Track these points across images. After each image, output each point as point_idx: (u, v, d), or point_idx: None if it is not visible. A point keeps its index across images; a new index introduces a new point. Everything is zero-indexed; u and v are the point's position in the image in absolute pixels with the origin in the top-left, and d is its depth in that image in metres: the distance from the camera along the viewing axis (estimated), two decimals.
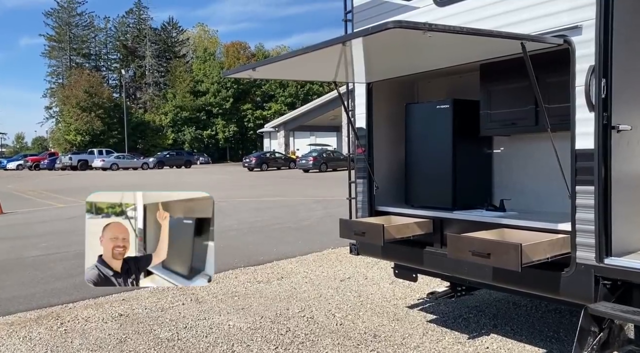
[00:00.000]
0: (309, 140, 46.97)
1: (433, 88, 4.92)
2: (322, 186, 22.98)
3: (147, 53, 72.93)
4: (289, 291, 5.97)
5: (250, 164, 39.47)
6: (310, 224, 11.31)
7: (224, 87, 66.88)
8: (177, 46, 77.23)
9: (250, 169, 39.46)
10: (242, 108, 67.54)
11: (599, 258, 3.00)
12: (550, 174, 4.05)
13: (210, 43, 78.25)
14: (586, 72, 3.03)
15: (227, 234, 10.23)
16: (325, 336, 4.54)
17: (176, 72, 68.88)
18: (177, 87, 67.28)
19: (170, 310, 5.42)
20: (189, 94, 66.57)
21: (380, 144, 4.68)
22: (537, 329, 4.55)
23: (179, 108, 65.87)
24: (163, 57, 74.15)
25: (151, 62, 72.72)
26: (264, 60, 3.49)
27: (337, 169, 35.83)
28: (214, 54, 73.41)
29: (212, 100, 66.67)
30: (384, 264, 6.93)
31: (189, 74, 69.64)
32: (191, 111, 66.05)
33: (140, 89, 73.47)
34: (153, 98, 70.98)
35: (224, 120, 67.05)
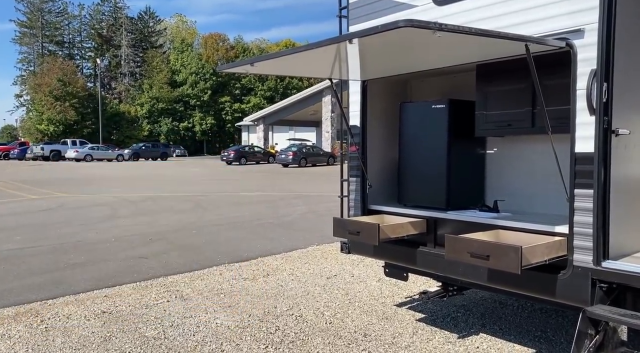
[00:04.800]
0: (288, 134, 46.80)
1: (426, 87, 4.91)
2: (303, 181, 22.93)
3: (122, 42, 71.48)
4: (275, 288, 5.91)
5: (228, 158, 39.12)
6: (292, 220, 11.24)
7: (202, 78, 66.13)
8: (154, 36, 75.90)
9: (229, 162, 39.12)
10: (220, 100, 66.90)
11: (596, 261, 3.02)
12: (543, 175, 4.09)
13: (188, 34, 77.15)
14: (588, 76, 3.04)
15: (208, 229, 10.11)
16: (316, 335, 4.50)
17: (153, 62, 67.72)
18: (153, 78, 66.17)
19: (155, 307, 5.31)
20: (166, 85, 65.56)
21: (373, 143, 4.65)
22: (525, 329, 4.59)
23: (155, 99, 64.85)
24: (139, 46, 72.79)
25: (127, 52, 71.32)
26: (263, 56, 3.41)
27: (316, 164, 35.85)
28: (192, 45, 72.43)
29: (190, 92, 65.86)
30: (370, 262, 6.93)
31: (166, 64, 68.55)
32: (168, 102, 65.10)
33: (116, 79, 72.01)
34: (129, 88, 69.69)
35: (202, 113, 66.32)
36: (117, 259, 7.56)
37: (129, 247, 8.42)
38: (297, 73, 4.50)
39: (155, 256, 7.74)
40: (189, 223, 10.98)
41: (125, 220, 11.43)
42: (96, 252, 8.04)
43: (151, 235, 9.49)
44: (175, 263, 7.28)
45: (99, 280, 6.40)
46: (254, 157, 40.39)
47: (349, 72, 4.26)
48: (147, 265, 7.19)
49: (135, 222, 11.14)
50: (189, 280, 6.32)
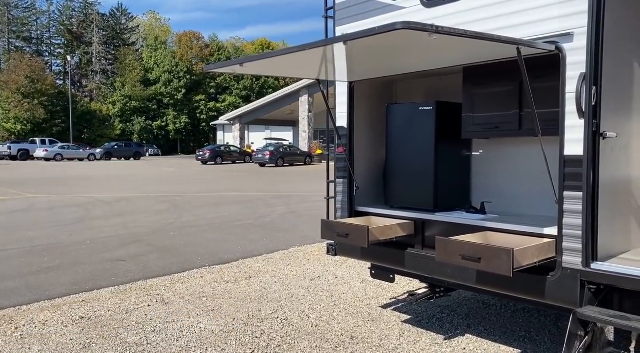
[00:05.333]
0: (264, 134, 46.55)
1: (412, 89, 4.91)
2: (281, 181, 22.83)
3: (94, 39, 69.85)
4: (259, 291, 5.83)
5: (204, 157, 38.68)
6: (272, 221, 11.16)
7: (175, 77, 65.23)
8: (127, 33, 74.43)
9: (204, 162, 38.68)
10: (194, 99, 66.09)
11: (585, 263, 3.06)
12: (528, 177, 4.13)
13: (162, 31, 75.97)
14: (577, 79, 3.07)
15: (186, 231, 9.94)
16: (302, 338, 4.45)
17: (125, 60, 66.40)
18: (126, 76, 64.89)
19: (136, 312, 5.18)
20: (139, 83, 64.41)
21: (360, 144, 4.63)
22: (509, 329, 4.63)
23: (127, 97, 63.64)
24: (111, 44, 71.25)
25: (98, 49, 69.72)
26: (253, 56, 3.35)
27: (293, 164, 35.77)
28: (166, 43, 71.36)
29: (163, 90, 64.86)
30: (353, 263, 6.92)
31: (139, 62, 67.33)
32: (141, 101, 63.97)
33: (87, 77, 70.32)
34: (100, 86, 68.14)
35: (176, 111, 65.39)
36: (93, 262, 7.36)
37: (105, 250, 8.22)
38: (285, 74, 4.45)
39: (134, 259, 7.57)
40: (166, 224, 10.78)
41: (100, 222, 11.16)
42: (71, 255, 7.82)
43: (128, 237, 9.28)
44: (154, 266, 7.13)
45: (75, 285, 6.21)
46: (230, 156, 40.04)
47: (336, 73, 4.22)
48: (125, 268, 7.02)
49: (110, 224, 10.88)
50: (169, 284, 6.19)
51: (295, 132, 44.98)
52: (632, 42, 3.32)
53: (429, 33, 2.50)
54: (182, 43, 69.22)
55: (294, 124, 44.92)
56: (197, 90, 66.82)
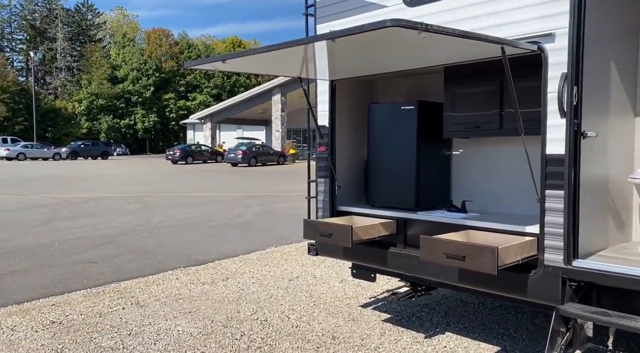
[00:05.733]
0: (236, 133, 46.10)
1: (392, 89, 4.92)
2: (254, 181, 22.66)
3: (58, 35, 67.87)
4: (236, 292, 5.75)
5: (174, 157, 38.09)
6: (247, 221, 11.04)
7: (144, 74, 64.02)
8: (93, 30, 72.63)
9: (174, 161, 38.10)
10: (163, 97, 64.98)
11: (567, 260, 3.11)
12: (507, 176, 4.19)
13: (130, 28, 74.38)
14: (559, 79, 3.12)
15: (159, 231, 9.75)
16: (283, 339, 4.40)
17: (92, 57, 64.79)
18: (92, 73, 63.32)
19: (110, 315, 5.03)
20: (106, 81, 62.94)
21: (341, 143, 4.60)
22: (488, 326, 4.69)
23: (94, 95, 62.12)
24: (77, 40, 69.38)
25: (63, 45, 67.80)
26: (236, 53, 3.28)
27: (266, 163, 35.57)
28: (134, 40, 69.93)
29: (131, 88, 63.57)
30: (331, 262, 6.90)
31: (106, 59, 65.80)
32: (108, 99, 62.54)
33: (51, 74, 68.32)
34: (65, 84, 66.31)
35: (144, 110, 64.18)
36: (63, 264, 7.13)
37: (75, 251, 7.97)
38: (267, 71, 4.38)
39: (105, 260, 7.36)
40: (137, 225, 10.54)
41: (68, 223, 10.84)
42: (38, 257, 7.55)
43: (98, 239, 9.03)
44: (127, 267, 6.95)
45: (44, 288, 6.00)
46: (201, 156, 39.54)
47: (318, 72, 4.19)
48: (96, 270, 6.82)
49: (79, 225, 10.58)
50: (144, 286, 6.04)
51: (267, 131, 44.73)
52: (609, 43, 3.39)
53: (418, 31, 2.49)
54: (150, 40, 67.93)
55: (267, 124, 44.67)
56: (166, 88, 65.73)
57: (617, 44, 3.49)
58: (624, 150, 3.65)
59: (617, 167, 3.57)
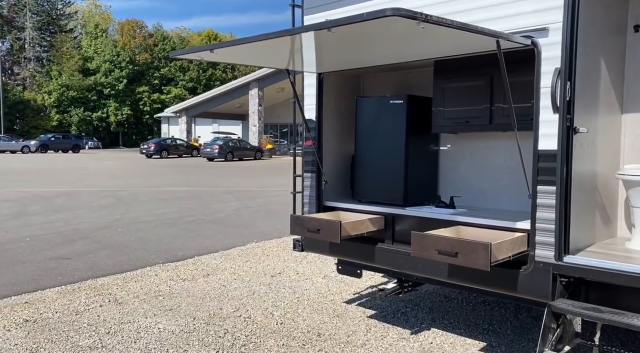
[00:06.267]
0: (211, 127, 45.50)
1: (379, 83, 4.86)
2: (231, 176, 22.41)
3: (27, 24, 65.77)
4: (218, 289, 5.63)
5: (148, 151, 37.44)
6: (226, 216, 10.88)
7: (117, 66, 62.65)
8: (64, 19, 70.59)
9: (149, 155, 37.45)
10: (137, 90, 63.71)
11: (558, 256, 3.10)
12: (495, 172, 4.18)
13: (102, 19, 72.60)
14: (552, 74, 3.10)
15: (136, 227, 9.52)
16: (267, 337, 4.31)
17: (62, 47, 63.09)
18: (63, 64, 61.67)
19: (87, 313, 4.86)
20: (77, 72, 61.38)
21: (328, 137, 4.53)
22: (472, 322, 4.69)
23: (65, 87, 60.51)
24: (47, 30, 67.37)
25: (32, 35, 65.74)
26: (225, 42, 3.16)
27: (243, 158, 35.25)
28: (107, 31, 68.33)
29: (104, 80, 62.15)
30: (314, 258, 6.83)
31: (77, 50, 64.14)
32: (79, 91, 61.02)
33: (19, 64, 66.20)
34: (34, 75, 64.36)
35: (117, 102, 62.83)
36: (35, 261, 6.88)
37: (47, 247, 7.71)
38: (255, 63, 4.26)
39: (80, 256, 7.14)
40: (112, 220, 10.28)
41: (39, 218, 10.50)
42: (8, 254, 7.28)
43: (71, 234, 8.76)
44: (103, 264, 6.75)
45: (16, 285, 5.77)
46: (177, 150, 38.97)
47: (306, 64, 4.10)
48: (71, 266, 6.60)
49: (51, 220, 10.26)
50: (121, 282, 5.86)
51: (244, 126, 44.30)
52: (599, 39, 3.40)
53: (417, 21, 2.43)
54: (124, 32, 66.50)
55: (243, 118, 44.24)
56: (140, 80, 64.48)
57: (607, 40, 3.50)
58: (611, 146, 3.67)
59: (605, 163, 3.59)
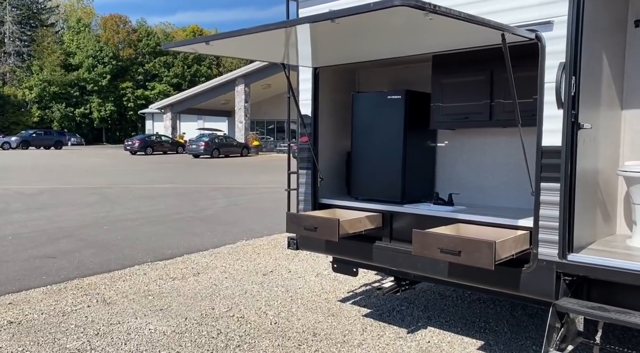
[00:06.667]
0: (196, 124, 45.08)
1: (375, 78, 4.78)
2: (218, 173, 22.18)
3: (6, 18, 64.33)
4: (209, 288, 5.51)
5: (133, 147, 36.93)
6: (214, 214, 10.72)
7: (100, 62, 61.66)
8: (45, 13, 69.26)
9: (133, 152, 36.95)
10: (121, 86, 62.79)
11: (562, 254, 3.05)
12: (494, 168, 4.13)
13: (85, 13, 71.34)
14: (556, 69, 3.04)
15: (122, 224, 9.33)
16: (262, 337, 4.22)
17: (43, 42, 61.88)
18: (44, 59, 60.49)
19: (74, 314, 4.71)
20: (59, 68, 60.30)
21: (323, 133, 4.43)
22: (469, 320, 4.64)
23: (46, 82, 59.37)
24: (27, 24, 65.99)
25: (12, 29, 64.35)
26: (221, 34, 3.04)
27: (229, 155, 34.97)
28: (89, 26, 67.20)
29: (87, 76, 61.12)
30: (305, 256, 6.74)
31: (59, 45, 63.00)
32: (61, 86, 59.90)
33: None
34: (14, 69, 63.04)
35: (100, 99, 61.85)
36: (19, 260, 6.68)
37: (31, 246, 7.50)
38: (250, 56, 4.15)
39: (65, 255, 6.95)
40: (98, 218, 10.07)
41: (22, 215, 10.24)
42: None
43: (56, 232, 8.55)
44: (90, 262, 6.58)
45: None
46: (162, 146, 38.51)
47: (302, 58, 3.99)
48: (56, 265, 6.42)
49: (34, 217, 10.01)
50: (109, 282, 5.71)
51: (230, 122, 43.95)
52: (602, 34, 3.35)
53: (425, 12, 2.35)
54: (107, 27, 65.43)
55: (229, 114, 43.88)
56: (123, 76, 63.56)
57: (608, 35, 3.46)
58: (611, 142, 3.64)
59: (605, 160, 3.55)
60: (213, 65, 68.05)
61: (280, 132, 44.86)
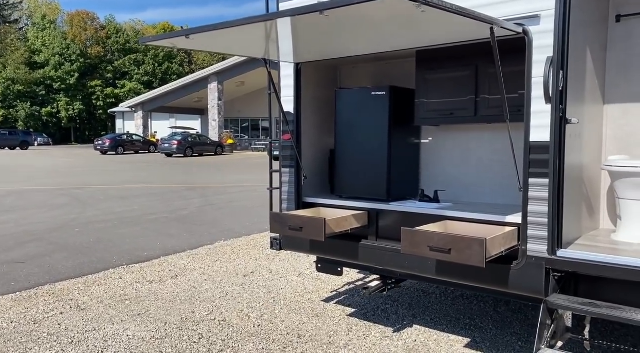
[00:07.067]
0: (168, 122, 44.31)
1: (357, 74, 4.71)
2: (192, 172, 21.82)
3: None
4: (188, 291, 5.35)
5: (103, 147, 36.09)
6: (190, 214, 10.50)
7: (67, 60, 60.04)
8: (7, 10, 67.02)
9: (104, 152, 36.12)
10: (89, 84, 61.26)
11: (551, 250, 3.03)
12: (478, 164, 4.10)
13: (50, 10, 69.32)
14: (544, 64, 3.01)
15: (94, 226, 9.04)
16: (245, 340, 4.10)
17: (6, 39, 59.90)
18: (7, 57, 58.56)
19: (46, 321, 4.50)
20: (24, 66, 58.47)
21: (306, 131, 4.33)
22: (453, 317, 4.62)
23: (10, 80, 57.49)
24: None
25: None
26: (202, 27, 2.91)
27: (203, 154, 34.51)
28: (55, 23, 65.35)
29: (53, 74, 59.44)
30: (286, 255, 6.64)
31: (23, 42, 61.08)
32: (26, 85, 58.10)
33: None
34: None
35: (68, 97, 60.23)
36: None
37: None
38: (230, 51, 4.00)
39: (35, 260, 6.68)
40: (68, 220, 9.74)
41: None
42: None
43: (23, 236, 8.22)
44: (62, 267, 6.33)
45: None
46: (133, 146, 37.75)
47: (283, 53, 3.88)
48: (25, 270, 6.15)
49: (0, 221, 9.62)
50: (83, 287, 5.49)
51: (203, 120, 43.36)
52: (586, 28, 3.34)
53: (418, 4, 2.27)
54: (74, 23, 63.67)
55: (202, 113, 43.30)
56: (92, 74, 62.03)
57: (591, 30, 3.46)
58: (595, 137, 3.65)
59: (590, 155, 3.56)
60: (185, 63, 67.04)
61: (255, 130, 44.50)
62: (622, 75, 3.65)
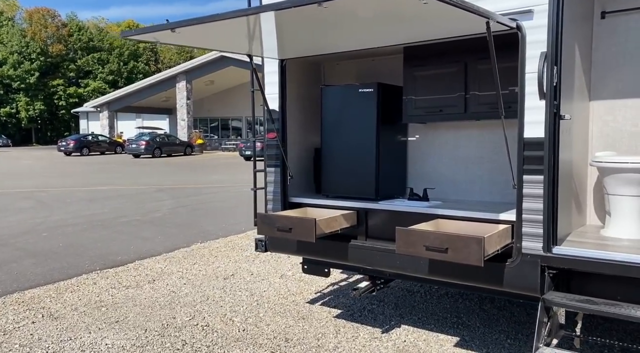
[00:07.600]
0: (135, 122, 43.30)
1: (341, 71, 4.62)
2: (161, 173, 21.34)
3: None
4: (167, 296, 5.16)
5: (67, 148, 35.01)
6: (163, 216, 10.22)
7: (27, 58, 57.98)
8: None
9: (68, 153, 35.04)
10: (51, 84, 59.32)
11: (547, 248, 3.01)
12: (467, 162, 4.08)
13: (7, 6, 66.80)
14: (538, 59, 2.99)
15: (62, 230, 8.69)
16: (231, 346, 3.96)
17: None
18: None
19: (17, 332, 4.25)
20: None
21: (291, 129, 4.22)
22: (440, 316, 4.59)
23: None
24: None
25: None
26: (187, 20, 2.75)
27: (172, 154, 33.88)
28: (13, 19, 63.05)
29: (12, 73, 57.29)
30: (267, 257, 6.51)
31: None
32: None
33: None
34: None
35: (28, 97, 58.17)
36: None
37: None
38: (215, 46, 3.85)
39: (1, 266, 6.34)
40: (35, 224, 9.34)
41: None
42: None
43: None
44: (30, 273, 6.03)
45: None
46: (99, 147, 36.74)
47: (267, 49, 3.76)
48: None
49: None
50: (55, 294, 5.23)
51: (171, 120, 42.54)
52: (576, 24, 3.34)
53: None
54: (33, 20, 61.55)
55: (170, 112, 42.49)
56: (54, 73, 60.08)
57: (578, 26, 3.46)
58: (582, 133, 3.66)
59: (579, 151, 3.57)
60: (151, 62, 65.70)
61: (225, 129, 43.92)
62: (607, 72, 3.67)
